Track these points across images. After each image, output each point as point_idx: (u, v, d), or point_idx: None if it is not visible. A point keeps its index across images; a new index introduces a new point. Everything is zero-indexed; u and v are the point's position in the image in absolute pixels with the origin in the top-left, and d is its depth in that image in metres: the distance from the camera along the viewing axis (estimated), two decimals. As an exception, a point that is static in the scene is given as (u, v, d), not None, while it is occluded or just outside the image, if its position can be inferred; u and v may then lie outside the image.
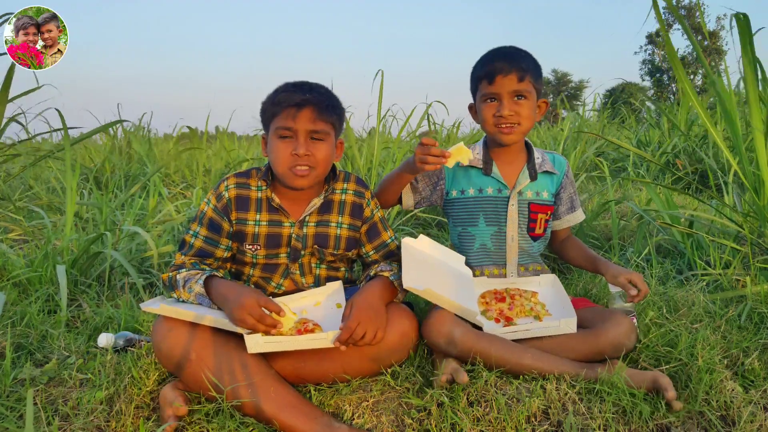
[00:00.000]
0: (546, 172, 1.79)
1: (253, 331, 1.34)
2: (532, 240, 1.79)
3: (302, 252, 1.60)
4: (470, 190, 1.77)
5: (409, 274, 1.52)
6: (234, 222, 1.57)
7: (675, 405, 1.31)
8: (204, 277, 1.47)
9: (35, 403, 1.37)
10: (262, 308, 1.35)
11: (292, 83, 1.54)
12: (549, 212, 1.80)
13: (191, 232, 1.59)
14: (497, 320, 1.56)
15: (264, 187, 1.59)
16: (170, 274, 1.53)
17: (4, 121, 3.19)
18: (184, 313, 1.36)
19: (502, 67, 1.62)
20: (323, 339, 1.35)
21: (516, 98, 1.64)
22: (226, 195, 1.57)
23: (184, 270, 1.52)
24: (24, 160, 4.52)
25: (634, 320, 1.58)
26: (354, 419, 1.34)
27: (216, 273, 1.52)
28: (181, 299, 1.49)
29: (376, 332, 1.37)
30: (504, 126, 1.65)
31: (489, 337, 1.48)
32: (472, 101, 1.78)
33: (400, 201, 1.83)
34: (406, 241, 1.66)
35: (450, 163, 1.50)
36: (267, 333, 1.37)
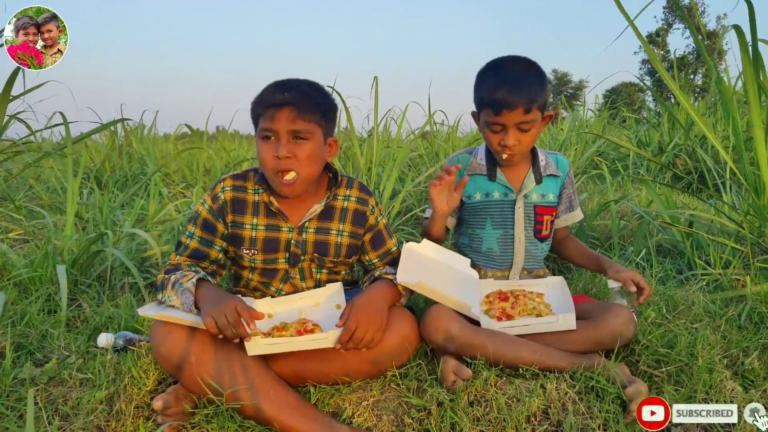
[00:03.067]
0: (551, 174, 1.79)
1: (220, 333, 1.30)
2: (538, 241, 1.79)
3: (302, 258, 1.59)
4: (477, 195, 1.78)
5: (403, 271, 1.53)
6: (229, 224, 1.55)
7: (627, 417, 1.31)
8: (197, 277, 1.43)
9: (36, 403, 1.37)
10: (240, 316, 1.30)
11: (276, 82, 1.50)
12: (554, 213, 1.81)
13: (187, 233, 1.57)
14: (499, 318, 1.56)
15: (261, 191, 1.56)
16: (164, 276, 1.49)
17: (6, 118, 3.20)
18: (180, 320, 1.35)
19: (508, 101, 1.55)
20: (323, 339, 1.35)
21: (521, 130, 1.62)
22: (222, 197, 1.55)
23: (179, 273, 1.47)
24: (23, 159, 4.52)
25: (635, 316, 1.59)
26: (354, 419, 1.34)
27: (209, 278, 1.48)
28: (164, 298, 1.43)
29: (374, 334, 1.36)
30: (508, 155, 1.66)
31: (487, 331, 1.48)
32: (474, 108, 1.75)
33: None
34: (408, 246, 1.66)
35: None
36: (242, 338, 1.33)
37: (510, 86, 1.56)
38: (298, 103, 1.43)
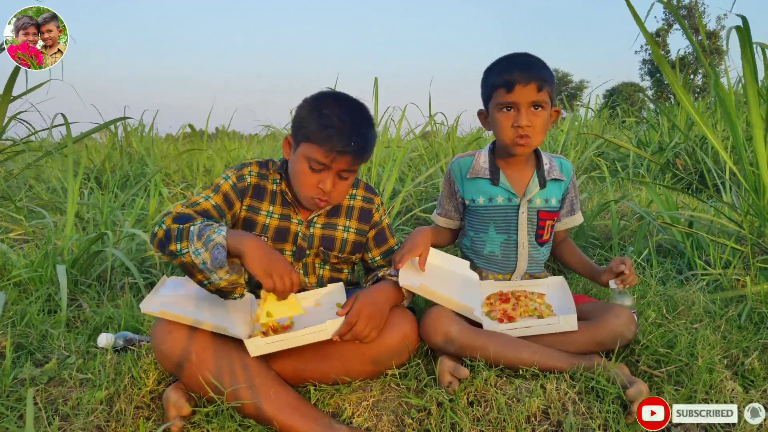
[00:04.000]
0: (554, 179, 1.78)
1: (274, 288, 1.31)
2: (539, 246, 1.79)
3: (307, 252, 1.62)
4: (480, 199, 1.77)
5: (405, 274, 1.53)
6: (245, 207, 1.59)
7: (628, 418, 1.31)
8: (225, 229, 1.29)
9: (35, 403, 1.37)
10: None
11: (340, 116, 1.45)
12: (556, 218, 1.81)
13: (204, 196, 1.51)
14: (500, 320, 1.56)
15: (278, 180, 1.62)
16: (170, 226, 1.32)
17: (6, 119, 3.20)
18: (183, 318, 1.35)
19: (521, 77, 1.59)
20: (323, 331, 1.35)
21: (533, 108, 1.62)
22: (248, 180, 1.59)
23: (201, 224, 1.32)
24: (24, 159, 4.53)
25: (635, 316, 1.59)
26: (354, 419, 1.34)
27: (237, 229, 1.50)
28: (186, 251, 1.28)
29: (371, 331, 1.38)
30: (520, 137, 1.62)
31: (486, 333, 1.48)
32: (481, 107, 1.75)
33: (452, 237, 1.96)
34: None
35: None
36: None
37: (522, 65, 1.63)
38: (359, 152, 1.48)
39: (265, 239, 1.58)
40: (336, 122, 1.45)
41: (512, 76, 1.60)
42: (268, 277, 1.29)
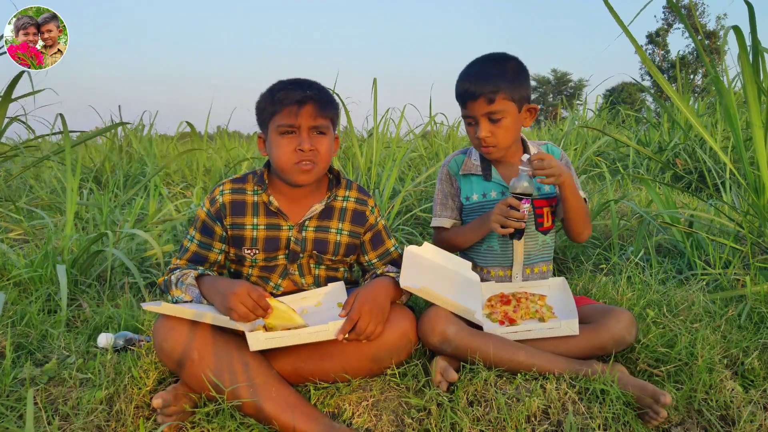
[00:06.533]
0: None
1: (245, 321, 1.35)
2: (541, 234, 1.79)
3: (300, 255, 1.61)
4: (474, 195, 1.78)
5: (406, 275, 1.53)
6: (228, 227, 1.58)
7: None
8: (196, 273, 1.51)
9: (35, 403, 1.37)
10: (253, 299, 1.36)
11: (288, 81, 1.55)
12: (554, 203, 1.80)
13: (188, 237, 1.62)
14: (501, 322, 1.56)
15: (260, 191, 1.59)
16: (165, 277, 1.55)
17: (6, 120, 3.20)
18: (185, 311, 1.36)
19: (470, 92, 1.61)
20: (325, 332, 1.36)
21: (490, 121, 1.63)
22: (220, 200, 1.58)
23: (178, 271, 1.54)
24: (24, 160, 4.53)
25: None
26: (354, 419, 1.34)
27: (209, 272, 1.54)
28: (175, 298, 1.50)
29: (376, 327, 1.38)
30: (484, 147, 1.68)
31: (483, 335, 1.47)
32: None
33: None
34: (410, 249, 1.67)
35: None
36: (265, 327, 1.40)
37: (471, 78, 1.64)
38: (319, 99, 1.50)
39: (257, 251, 1.58)
40: (286, 85, 1.52)
41: (463, 89, 1.64)
42: (229, 312, 1.36)
